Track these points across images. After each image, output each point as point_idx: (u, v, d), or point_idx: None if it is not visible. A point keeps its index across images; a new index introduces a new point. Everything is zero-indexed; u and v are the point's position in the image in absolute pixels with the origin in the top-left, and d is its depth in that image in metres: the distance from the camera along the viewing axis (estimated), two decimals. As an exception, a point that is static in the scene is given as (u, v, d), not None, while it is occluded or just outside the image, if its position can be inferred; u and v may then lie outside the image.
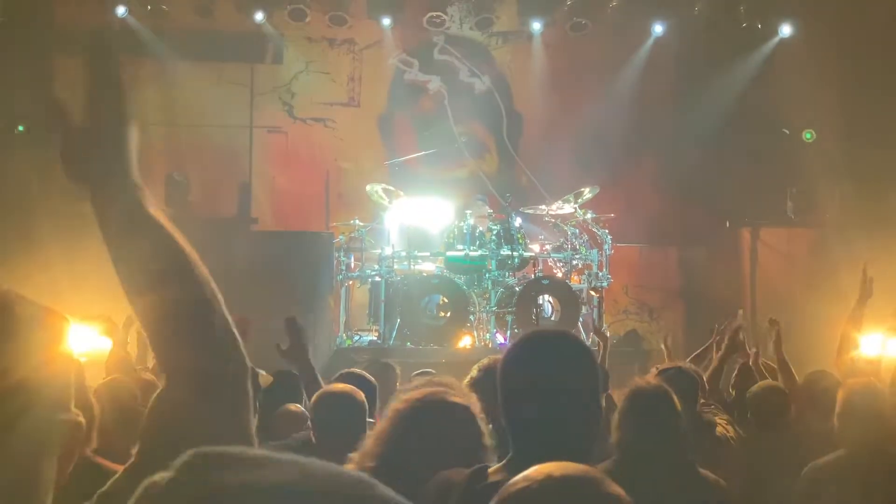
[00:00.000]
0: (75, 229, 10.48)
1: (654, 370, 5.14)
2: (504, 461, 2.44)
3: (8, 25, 12.31)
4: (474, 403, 3.06)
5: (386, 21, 13.85)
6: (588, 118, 13.80)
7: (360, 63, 14.28)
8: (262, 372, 4.89)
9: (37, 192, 12.57)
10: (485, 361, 4.54)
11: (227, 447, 0.98)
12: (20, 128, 12.60)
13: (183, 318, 1.53)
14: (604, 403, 2.80)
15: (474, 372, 4.42)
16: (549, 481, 1.49)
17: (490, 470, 2.44)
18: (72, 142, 1.58)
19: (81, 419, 1.36)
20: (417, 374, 5.63)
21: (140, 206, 1.55)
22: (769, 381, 5.77)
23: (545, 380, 2.39)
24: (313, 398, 4.06)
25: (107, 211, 1.54)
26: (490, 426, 3.05)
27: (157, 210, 1.57)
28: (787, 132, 13.28)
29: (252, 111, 13.96)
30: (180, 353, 1.53)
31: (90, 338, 6.49)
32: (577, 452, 2.38)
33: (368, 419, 4.45)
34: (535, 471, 1.52)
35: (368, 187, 11.94)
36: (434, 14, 13.76)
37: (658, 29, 13.84)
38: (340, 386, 4.26)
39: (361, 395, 4.03)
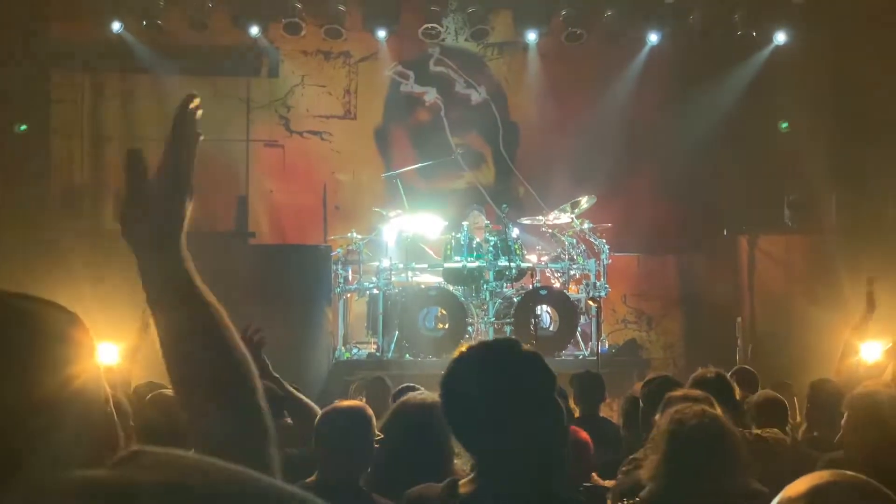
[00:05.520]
0: (100, 247, 10.60)
1: (638, 383, 5.10)
2: (472, 473, 2.44)
3: (5, 41, 12.33)
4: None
5: (381, 33, 13.86)
6: (584, 128, 13.80)
7: (355, 75, 14.29)
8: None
9: (61, 212, 12.70)
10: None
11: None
12: (22, 127, 12.63)
13: (212, 388, 1.54)
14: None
15: None
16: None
17: (460, 482, 2.44)
18: (134, 199, 1.59)
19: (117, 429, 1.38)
20: (402, 388, 5.64)
21: (185, 281, 1.56)
22: (767, 391, 5.76)
23: (489, 392, 2.35)
24: (319, 415, 4.06)
25: (151, 277, 1.54)
26: None
27: (200, 283, 1.57)
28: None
29: (248, 125, 13.96)
30: (204, 410, 1.55)
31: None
32: (542, 463, 2.37)
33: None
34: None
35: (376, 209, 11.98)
36: (429, 26, 13.77)
37: (653, 38, 13.86)
38: (347, 402, 4.26)
39: (369, 412, 4.03)
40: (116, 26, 13.19)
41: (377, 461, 3.73)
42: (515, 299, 11.35)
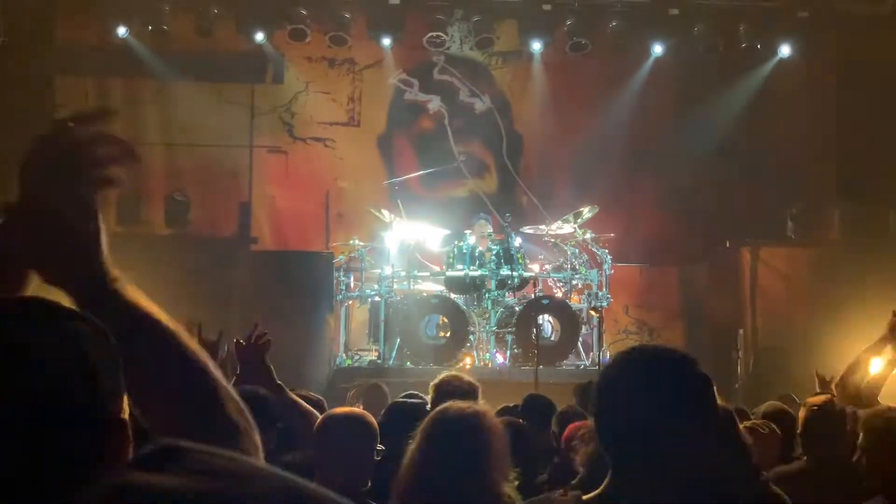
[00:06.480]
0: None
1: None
2: (602, 487, 2.31)
3: (10, 46, 12.34)
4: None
5: (386, 41, 13.87)
6: (588, 138, 13.81)
7: (360, 83, 14.30)
8: None
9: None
10: (435, 382, 4.54)
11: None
12: None
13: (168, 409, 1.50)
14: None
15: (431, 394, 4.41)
16: None
17: (585, 497, 2.32)
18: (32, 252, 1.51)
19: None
20: (403, 396, 5.61)
21: (119, 302, 1.50)
22: (775, 402, 5.72)
23: (646, 402, 2.21)
24: (318, 421, 3.96)
25: (92, 311, 1.50)
26: None
27: (134, 294, 1.51)
28: None
29: (252, 131, 13.97)
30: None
31: None
32: (687, 485, 2.28)
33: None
34: None
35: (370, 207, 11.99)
36: (434, 34, 13.78)
37: (658, 49, 13.84)
38: (346, 409, 4.20)
39: (370, 419, 3.93)
40: (122, 31, 13.22)
41: (419, 475, 3.48)
42: (517, 308, 11.34)
